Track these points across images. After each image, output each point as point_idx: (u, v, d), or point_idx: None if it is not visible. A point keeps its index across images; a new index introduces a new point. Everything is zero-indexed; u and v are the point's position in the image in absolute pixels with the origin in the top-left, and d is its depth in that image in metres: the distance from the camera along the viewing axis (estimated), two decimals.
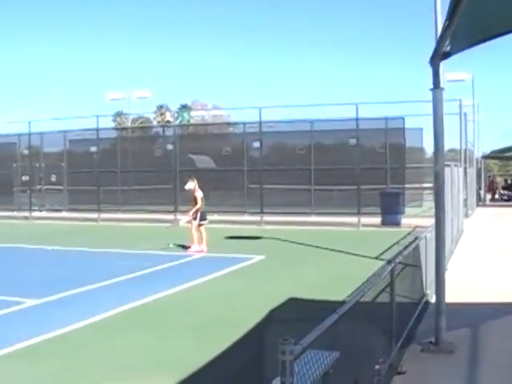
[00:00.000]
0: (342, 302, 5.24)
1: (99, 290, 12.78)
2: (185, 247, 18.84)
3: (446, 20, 6.81)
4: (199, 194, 18.82)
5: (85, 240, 21.38)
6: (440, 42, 7.86)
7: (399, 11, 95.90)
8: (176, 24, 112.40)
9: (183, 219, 21.69)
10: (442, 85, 8.60)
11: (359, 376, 5.62)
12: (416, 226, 22.42)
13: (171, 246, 19.27)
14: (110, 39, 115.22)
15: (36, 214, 32.74)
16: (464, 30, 7.08)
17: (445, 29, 7.06)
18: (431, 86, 8.63)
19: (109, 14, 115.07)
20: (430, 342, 8.41)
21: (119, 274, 14.33)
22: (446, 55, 8.25)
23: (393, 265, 7.11)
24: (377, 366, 6.08)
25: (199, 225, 18.66)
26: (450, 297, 9.26)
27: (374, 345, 6.65)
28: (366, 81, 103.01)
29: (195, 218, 18.62)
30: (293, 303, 11.11)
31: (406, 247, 8.84)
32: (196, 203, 18.72)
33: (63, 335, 9.24)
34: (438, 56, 8.29)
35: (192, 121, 56.22)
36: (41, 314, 10.60)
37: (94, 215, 30.30)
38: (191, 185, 19.02)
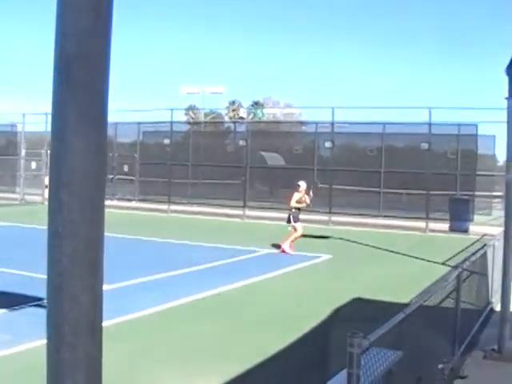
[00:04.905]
0: (406, 305, 5.38)
1: (169, 279, 13.19)
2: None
3: None
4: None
5: (156, 230, 21.85)
6: None
7: (475, 15, 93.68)
8: (251, 21, 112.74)
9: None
10: None
11: (421, 375, 5.76)
12: (484, 234, 22.20)
13: None
14: (189, 33, 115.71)
15: (107, 202, 33.11)
16: None
17: None
18: (506, 95, 8.66)
19: (188, 10, 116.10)
20: (493, 350, 8.44)
21: (188, 265, 14.70)
22: None
23: (460, 270, 7.21)
24: (440, 365, 6.20)
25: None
26: None
27: (437, 348, 6.77)
28: (439, 84, 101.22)
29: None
30: (357, 303, 11.26)
31: (473, 254, 8.91)
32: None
33: (139, 318, 9.70)
34: None
35: (264, 118, 56.34)
36: (118, 298, 10.57)
37: (164, 206, 30.81)
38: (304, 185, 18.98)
